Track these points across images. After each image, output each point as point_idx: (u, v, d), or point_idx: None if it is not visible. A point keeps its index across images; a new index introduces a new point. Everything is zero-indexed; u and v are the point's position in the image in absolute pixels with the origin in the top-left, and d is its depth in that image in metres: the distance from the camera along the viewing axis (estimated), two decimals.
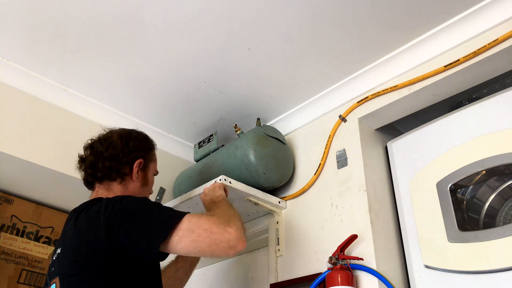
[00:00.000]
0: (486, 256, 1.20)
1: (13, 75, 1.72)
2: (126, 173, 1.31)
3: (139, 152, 1.35)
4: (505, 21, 1.36)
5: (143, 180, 1.37)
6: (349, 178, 1.59)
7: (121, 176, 1.30)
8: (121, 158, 1.31)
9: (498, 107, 1.35)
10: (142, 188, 1.36)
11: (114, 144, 1.32)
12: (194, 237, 1.07)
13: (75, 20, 1.50)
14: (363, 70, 1.67)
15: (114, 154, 1.30)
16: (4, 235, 1.82)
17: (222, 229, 1.09)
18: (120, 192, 1.29)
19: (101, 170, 1.29)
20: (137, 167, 1.33)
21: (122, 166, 1.31)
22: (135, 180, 1.33)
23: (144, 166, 1.37)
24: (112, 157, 1.30)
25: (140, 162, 1.35)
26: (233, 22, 1.48)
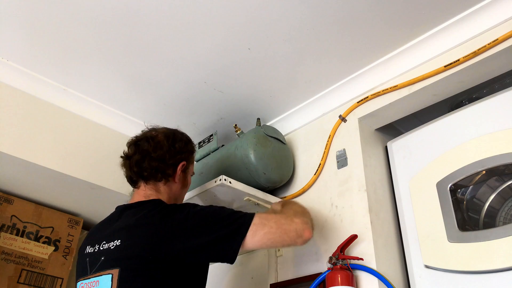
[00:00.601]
0: (486, 256, 1.20)
1: (13, 75, 1.72)
2: (170, 174, 1.33)
3: (183, 154, 1.37)
4: (505, 21, 1.36)
5: (183, 182, 1.39)
6: (349, 178, 1.59)
7: (166, 177, 1.32)
8: (167, 160, 1.32)
9: (498, 107, 1.35)
10: (182, 190, 1.40)
11: (161, 145, 1.33)
12: (266, 229, 1.19)
13: (75, 20, 1.50)
14: (363, 70, 1.67)
15: (161, 155, 1.32)
16: (4, 235, 1.82)
17: (290, 220, 1.24)
18: (166, 193, 1.33)
19: (147, 170, 1.31)
20: (180, 169, 1.36)
21: (168, 167, 1.33)
22: (177, 181, 1.35)
23: (186, 168, 1.39)
24: (159, 157, 1.31)
25: (183, 165, 1.36)
26: (233, 22, 1.48)
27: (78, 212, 2.08)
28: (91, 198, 1.94)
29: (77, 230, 2.05)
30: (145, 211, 1.23)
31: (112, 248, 1.16)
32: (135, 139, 1.38)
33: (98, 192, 1.84)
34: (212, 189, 1.62)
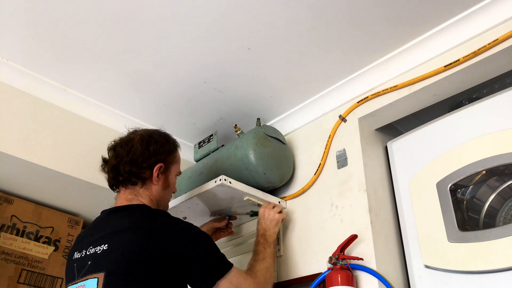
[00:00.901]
0: (486, 256, 1.20)
1: (13, 75, 1.72)
2: (146, 177, 1.32)
3: (159, 156, 1.35)
4: (505, 21, 1.36)
5: (164, 183, 1.37)
6: (349, 178, 1.59)
7: (142, 181, 1.32)
8: (140, 163, 1.32)
9: (498, 107, 1.35)
10: (164, 191, 1.38)
11: (134, 149, 1.33)
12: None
13: (76, 20, 1.50)
14: (363, 70, 1.67)
15: (134, 159, 1.31)
16: (4, 235, 1.82)
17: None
18: (146, 196, 1.32)
19: (122, 175, 1.31)
20: (157, 171, 1.34)
21: (142, 171, 1.32)
22: (155, 183, 1.34)
23: (165, 169, 1.37)
24: (132, 162, 1.31)
25: (160, 166, 1.35)
26: (233, 22, 1.48)
27: (78, 212, 2.08)
28: (91, 198, 1.94)
29: (77, 230, 2.05)
30: (132, 216, 1.25)
31: (99, 253, 1.18)
32: (113, 144, 1.38)
33: (98, 192, 1.84)
34: (212, 189, 1.62)
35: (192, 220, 1.86)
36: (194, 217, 1.84)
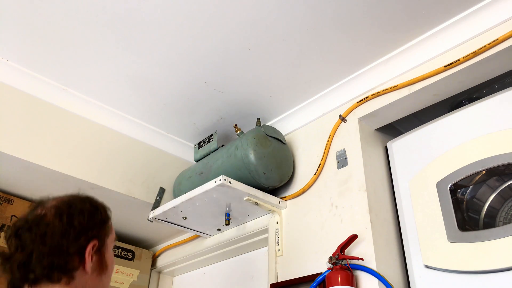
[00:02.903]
0: (486, 256, 1.20)
1: (13, 75, 1.72)
2: (75, 266, 0.92)
3: (90, 231, 0.96)
4: (505, 21, 1.36)
5: (100, 266, 0.97)
6: (349, 178, 1.59)
7: (69, 274, 0.91)
8: (66, 249, 0.91)
9: (498, 107, 1.35)
10: (101, 276, 0.98)
11: (51, 229, 0.91)
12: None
13: (75, 20, 1.50)
14: (363, 70, 1.67)
15: (55, 245, 0.90)
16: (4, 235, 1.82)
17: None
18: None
19: (34, 271, 0.89)
20: (91, 253, 0.94)
21: (69, 259, 0.91)
22: (89, 271, 0.93)
23: (100, 246, 0.97)
24: (53, 249, 0.90)
25: (94, 245, 0.95)
26: (233, 22, 1.48)
27: None
28: None
29: None
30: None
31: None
32: (14, 228, 0.95)
33: (98, 192, 1.84)
34: (212, 189, 1.63)
35: (192, 220, 1.87)
36: (194, 217, 1.84)
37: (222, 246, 2.00)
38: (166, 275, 2.37)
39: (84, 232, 0.94)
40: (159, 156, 2.10)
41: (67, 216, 0.94)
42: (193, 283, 2.26)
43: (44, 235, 0.91)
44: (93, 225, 0.97)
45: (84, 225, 0.95)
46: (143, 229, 2.21)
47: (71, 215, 0.94)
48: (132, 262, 2.19)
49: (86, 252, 0.93)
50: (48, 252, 0.90)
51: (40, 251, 0.90)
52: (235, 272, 2.04)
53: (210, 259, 2.12)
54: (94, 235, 0.96)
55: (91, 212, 0.99)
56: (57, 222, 0.92)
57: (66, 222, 0.93)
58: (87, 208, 0.98)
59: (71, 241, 0.92)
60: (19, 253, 0.91)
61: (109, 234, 1.02)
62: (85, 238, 0.94)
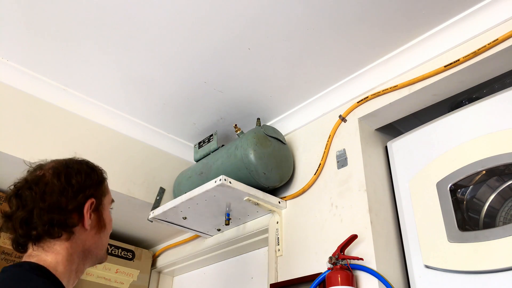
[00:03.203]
0: (486, 256, 1.20)
1: (13, 75, 1.72)
2: (75, 223, 0.97)
3: (87, 190, 1.01)
4: (505, 21, 1.36)
5: (98, 224, 1.03)
6: (349, 178, 1.59)
7: (68, 230, 0.95)
8: (65, 206, 0.96)
9: (498, 107, 1.35)
10: (100, 234, 1.03)
11: (50, 187, 0.96)
12: None
13: (75, 20, 1.50)
14: (363, 70, 1.67)
15: (54, 202, 0.95)
16: (4, 235, 1.82)
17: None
18: (65, 251, 0.95)
19: (37, 228, 0.93)
20: (89, 211, 0.99)
21: (69, 215, 0.96)
22: (88, 228, 0.99)
23: (98, 205, 1.03)
24: (52, 206, 0.95)
25: (92, 203, 1.00)
26: (233, 22, 1.48)
27: None
28: None
29: None
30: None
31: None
32: (14, 189, 1.01)
33: None
34: (212, 189, 1.63)
35: (192, 220, 1.87)
36: (194, 217, 1.84)
37: (222, 246, 2.00)
38: (166, 275, 2.37)
39: (81, 190, 1.00)
40: (159, 156, 2.10)
41: (64, 175, 0.99)
42: (193, 283, 2.26)
43: (44, 193, 0.96)
44: (90, 184, 1.02)
45: (81, 184, 1.00)
46: (143, 229, 2.21)
47: (69, 174, 1.00)
48: (132, 262, 2.19)
49: (85, 209, 0.98)
50: (48, 209, 0.94)
51: (40, 208, 0.94)
52: (235, 272, 2.04)
53: (210, 259, 2.12)
54: (91, 193, 1.01)
55: (88, 172, 1.04)
56: (55, 181, 0.98)
57: (64, 181, 0.98)
58: (83, 168, 1.04)
59: (70, 198, 0.97)
60: (20, 210, 0.96)
61: (106, 194, 1.08)
62: (83, 196, 0.99)
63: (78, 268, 0.99)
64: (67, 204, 0.96)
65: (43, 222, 0.94)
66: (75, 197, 0.98)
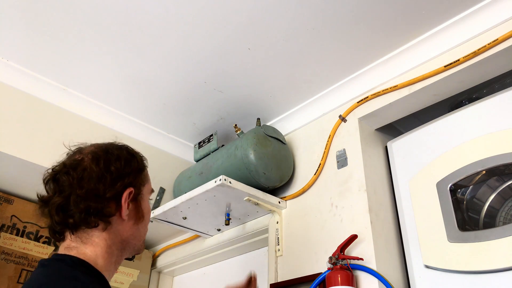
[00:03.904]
0: (486, 256, 1.20)
1: (13, 75, 1.72)
2: (112, 213, 0.92)
3: (127, 177, 0.95)
4: (505, 21, 1.36)
5: (136, 214, 0.98)
6: (349, 178, 1.59)
7: (105, 220, 0.91)
8: (102, 194, 0.91)
9: (498, 107, 1.35)
10: (138, 225, 0.98)
11: (88, 173, 0.92)
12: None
13: (75, 20, 1.50)
14: (363, 70, 1.67)
15: (92, 188, 0.91)
16: (4, 235, 1.82)
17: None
18: (103, 243, 0.91)
19: (74, 216, 0.89)
20: (127, 201, 0.94)
21: (106, 204, 0.91)
22: (125, 218, 0.94)
23: (137, 194, 0.98)
24: (90, 193, 0.90)
25: (131, 192, 0.95)
26: (233, 22, 1.48)
27: None
28: None
29: None
30: (32, 279, 0.86)
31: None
32: (52, 172, 0.97)
33: None
34: (212, 189, 1.62)
35: (192, 220, 1.87)
36: (194, 217, 1.84)
37: (222, 246, 2.00)
38: (166, 275, 2.37)
39: (120, 178, 0.94)
40: (159, 156, 2.10)
41: (104, 161, 0.94)
42: (193, 283, 2.26)
43: (81, 179, 0.91)
44: (129, 172, 0.96)
45: (120, 171, 0.95)
46: None
47: (108, 160, 0.94)
48: (132, 262, 2.19)
49: (123, 198, 0.93)
50: (85, 196, 0.90)
51: (78, 194, 0.90)
52: (235, 272, 2.03)
53: (210, 259, 2.12)
54: (130, 182, 0.95)
55: (128, 159, 0.98)
56: (94, 166, 0.92)
57: (102, 167, 0.93)
58: (123, 155, 0.98)
59: (108, 186, 0.92)
60: (57, 196, 0.92)
61: (145, 183, 1.02)
62: (121, 184, 0.94)
63: (117, 260, 0.95)
64: (104, 192, 0.91)
65: (79, 210, 0.89)
66: (113, 184, 0.93)
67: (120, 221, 0.94)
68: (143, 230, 1.00)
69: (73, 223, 0.90)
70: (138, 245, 0.99)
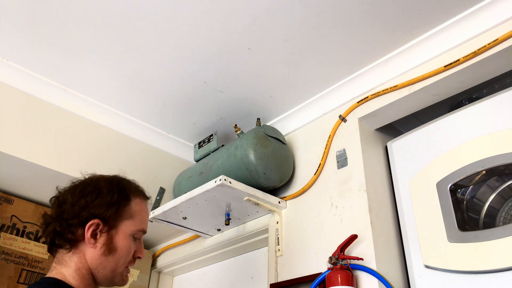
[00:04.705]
0: (486, 256, 1.20)
1: (13, 75, 1.72)
2: (71, 238, 1.02)
3: (92, 209, 1.02)
4: (505, 21, 1.36)
5: (108, 246, 1.03)
6: (349, 178, 1.59)
7: (69, 243, 1.02)
8: (66, 219, 1.02)
9: (498, 107, 1.35)
10: (107, 256, 1.03)
11: (64, 201, 1.05)
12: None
13: (75, 20, 1.50)
14: (363, 70, 1.67)
15: (60, 214, 1.03)
16: (4, 235, 1.82)
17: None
18: (73, 264, 1.01)
19: (48, 235, 1.04)
20: (90, 230, 1.01)
21: (69, 229, 1.01)
22: (91, 246, 1.02)
23: (109, 227, 1.04)
24: (57, 218, 1.03)
25: (95, 224, 1.02)
26: (233, 22, 1.48)
27: None
28: None
29: None
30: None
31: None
32: (56, 193, 1.11)
33: None
34: (212, 189, 1.62)
35: (192, 220, 1.87)
36: (194, 217, 1.84)
37: (222, 246, 2.00)
38: (166, 275, 2.37)
39: (86, 208, 1.02)
40: (159, 156, 2.10)
41: (79, 192, 1.05)
42: (193, 283, 2.26)
43: (59, 206, 1.05)
44: (98, 204, 1.03)
45: (89, 202, 1.03)
46: None
47: (82, 191, 1.05)
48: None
49: (86, 227, 1.01)
50: (55, 218, 1.03)
51: (52, 217, 1.05)
52: (235, 272, 2.03)
53: (210, 259, 2.12)
54: (97, 214, 1.02)
55: (103, 193, 1.05)
56: (69, 196, 1.05)
57: (78, 195, 1.04)
58: (101, 187, 1.06)
59: (73, 213, 1.02)
60: (47, 215, 1.07)
61: (126, 219, 1.07)
62: (86, 214, 1.02)
63: (91, 284, 1.03)
64: (68, 218, 1.02)
65: (49, 231, 1.03)
66: (78, 213, 1.02)
67: (89, 248, 1.02)
68: (113, 262, 1.04)
69: (48, 242, 1.04)
70: (109, 276, 1.04)
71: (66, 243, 1.02)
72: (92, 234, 1.01)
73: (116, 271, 1.05)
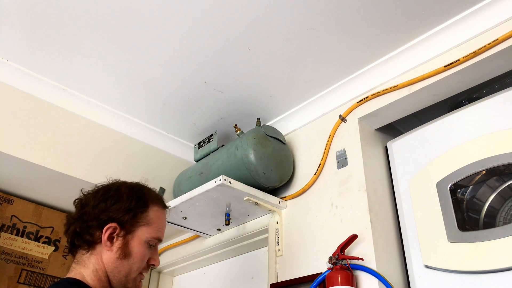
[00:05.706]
0: (486, 256, 1.20)
1: (13, 75, 1.72)
2: (90, 240, 1.06)
3: (111, 213, 1.07)
4: (505, 21, 1.36)
5: (122, 251, 1.07)
6: (349, 178, 1.59)
7: (88, 244, 1.07)
8: (85, 220, 1.07)
9: (498, 107, 1.35)
10: (121, 261, 1.07)
11: (86, 201, 1.10)
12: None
13: (75, 20, 1.50)
14: (363, 70, 1.67)
15: (82, 214, 1.09)
16: (4, 235, 1.82)
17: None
18: (91, 265, 1.06)
19: (69, 235, 1.10)
20: (107, 233, 1.06)
21: (88, 230, 1.06)
22: (107, 248, 1.06)
23: (126, 232, 1.08)
24: (79, 218, 1.09)
25: (113, 227, 1.06)
26: (233, 22, 1.48)
27: None
28: None
29: None
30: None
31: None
32: (79, 196, 1.16)
33: None
34: (212, 189, 1.63)
35: (192, 220, 1.87)
36: (194, 217, 1.84)
37: (222, 246, 2.00)
38: (166, 275, 2.37)
39: (106, 212, 1.07)
40: (159, 156, 2.10)
41: (100, 196, 1.09)
42: (193, 283, 2.26)
43: (82, 205, 1.10)
44: (116, 209, 1.08)
45: (108, 207, 1.08)
46: None
47: (103, 195, 1.09)
48: None
49: (103, 230, 1.06)
50: (77, 219, 1.08)
51: (74, 218, 1.10)
52: (235, 272, 2.03)
53: (210, 259, 2.12)
54: (114, 218, 1.07)
55: (123, 198, 1.09)
56: (92, 199, 1.09)
57: (99, 198, 1.09)
58: (121, 193, 1.10)
59: (93, 216, 1.06)
60: (69, 216, 1.12)
61: (143, 225, 1.10)
62: (105, 218, 1.06)
63: (108, 287, 1.07)
64: (87, 220, 1.07)
65: (70, 232, 1.09)
66: (98, 215, 1.07)
67: (106, 251, 1.06)
68: (128, 267, 1.08)
69: (69, 243, 1.09)
70: (123, 281, 1.08)
71: (84, 244, 1.06)
72: (109, 237, 1.06)
73: (130, 276, 1.08)
